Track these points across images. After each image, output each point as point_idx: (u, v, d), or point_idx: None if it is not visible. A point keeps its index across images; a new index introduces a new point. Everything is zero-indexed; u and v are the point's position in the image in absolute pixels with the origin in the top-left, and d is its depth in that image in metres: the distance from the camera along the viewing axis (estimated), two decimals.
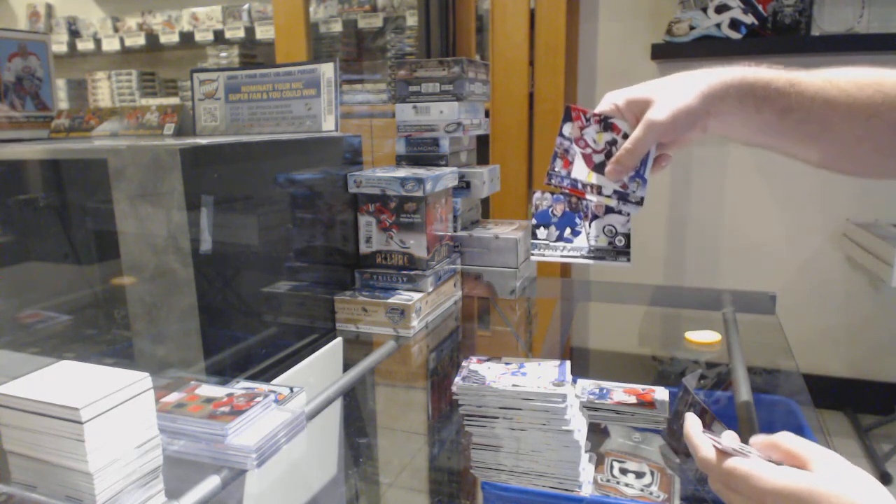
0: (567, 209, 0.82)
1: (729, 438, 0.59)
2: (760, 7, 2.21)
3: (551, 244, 0.82)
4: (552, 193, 0.83)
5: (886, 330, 2.44)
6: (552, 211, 0.82)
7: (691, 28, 2.29)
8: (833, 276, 2.46)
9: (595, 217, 0.82)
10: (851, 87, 0.67)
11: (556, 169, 0.81)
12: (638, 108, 0.75)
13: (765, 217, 2.50)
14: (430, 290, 1.21)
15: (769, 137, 0.73)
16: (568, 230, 0.82)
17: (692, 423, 0.62)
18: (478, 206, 1.49)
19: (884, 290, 2.40)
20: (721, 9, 2.24)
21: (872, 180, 2.35)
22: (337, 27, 3.23)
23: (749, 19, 2.23)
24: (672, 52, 2.32)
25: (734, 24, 2.24)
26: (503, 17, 2.42)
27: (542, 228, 0.82)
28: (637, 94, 0.76)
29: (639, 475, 0.75)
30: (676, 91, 0.72)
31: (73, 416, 0.54)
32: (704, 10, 2.27)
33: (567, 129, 0.80)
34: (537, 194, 0.83)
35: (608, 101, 0.78)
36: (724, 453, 0.56)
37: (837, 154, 0.72)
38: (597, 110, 0.79)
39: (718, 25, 2.25)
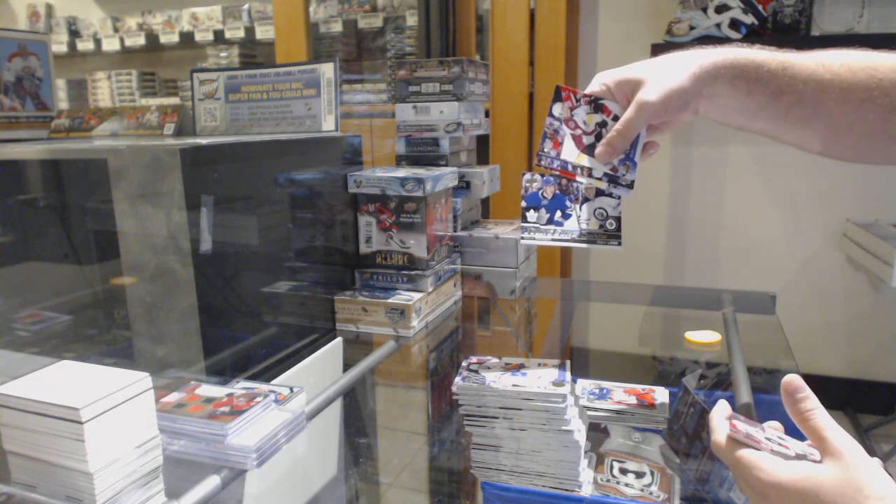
0: (557, 191, 0.81)
1: (770, 429, 0.59)
2: (760, 7, 2.21)
3: (542, 227, 0.81)
4: (542, 175, 0.81)
5: (886, 330, 2.44)
6: (542, 193, 0.81)
7: (691, 28, 2.29)
8: (833, 275, 2.46)
9: (586, 200, 0.81)
10: (845, 71, 0.67)
11: (546, 150, 0.80)
12: (629, 89, 0.74)
13: (765, 217, 2.50)
14: (430, 290, 1.21)
15: (760, 121, 0.72)
16: (558, 213, 0.81)
17: (720, 407, 0.62)
18: (478, 206, 1.49)
19: (884, 290, 2.40)
20: (721, 9, 2.24)
21: (872, 180, 2.35)
22: (337, 27, 3.23)
23: (749, 19, 2.23)
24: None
25: (734, 24, 2.24)
26: (503, 17, 2.42)
27: (531, 211, 0.81)
28: (628, 74, 0.74)
29: (639, 475, 0.75)
30: (668, 72, 0.70)
31: (73, 416, 0.54)
32: (704, 10, 2.27)
33: (557, 110, 0.79)
34: (527, 176, 0.81)
35: (598, 82, 0.77)
36: (736, 441, 0.56)
37: (829, 138, 0.71)
38: (587, 91, 0.78)
39: (718, 25, 2.25)
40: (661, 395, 0.88)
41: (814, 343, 2.51)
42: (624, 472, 0.76)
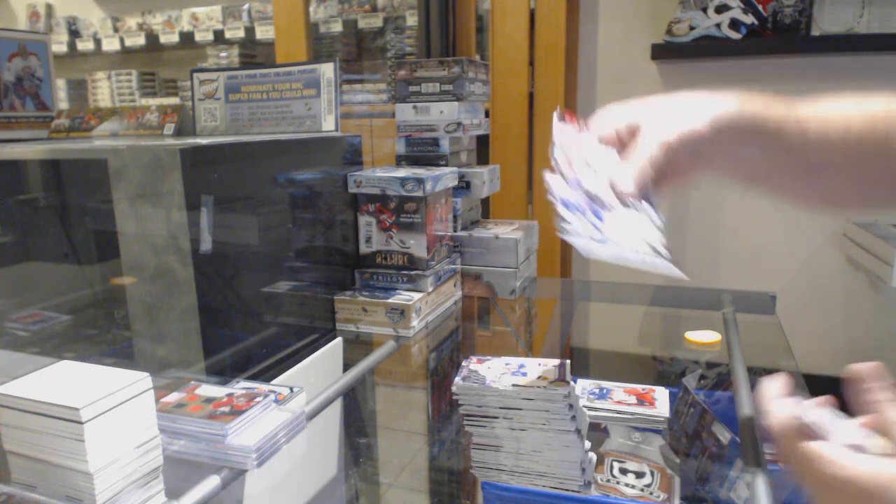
0: (586, 198, 0.67)
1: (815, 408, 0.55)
2: (760, 7, 2.21)
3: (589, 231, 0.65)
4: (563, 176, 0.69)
5: (886, 330, 2.44)
6: (570, 199, 0.67)
7: (691, 28, 2.29)
8: (833, 276, 2.46)
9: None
10: (861, 125, 0.63)
11: (561, 167, 0.73)
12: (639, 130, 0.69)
13: (765, 217, 2.50)
14: (430, 290, 1.21)
15: (772, 178, 0.69)
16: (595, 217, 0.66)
17: (775, 383, 0.58)
18: (478, 206, 1.49)
19: (884, 290, 2.40)
20: (721, 9, 2.24)
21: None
22: (337, 27, 3.23)
23: (749, 19, 2.23)
24: (672, 53, 2.32)
25: (734, 24, 2.24)
26: (503, 17, 2.42)
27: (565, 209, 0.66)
28: (639, 116, 0.69)
29: (639, 475, 0.75)
30: (682, 114, 0.67)
31: (73, 416, 0.54)
32: (704, 10, 2.27)
33: (562, 131, 0.75)
34: (549, 176, 0.69)
35: (606, 124, 0.71)
36: (802, 427, 0.53)
37: (833, 189, 0.69)
38: (596, 133, 0.71)
39: (718, 25, 2.25)
40: (661, 395, 0.88)
41: (814, 343, 2.51)
42: (624, 472, 0.76)
